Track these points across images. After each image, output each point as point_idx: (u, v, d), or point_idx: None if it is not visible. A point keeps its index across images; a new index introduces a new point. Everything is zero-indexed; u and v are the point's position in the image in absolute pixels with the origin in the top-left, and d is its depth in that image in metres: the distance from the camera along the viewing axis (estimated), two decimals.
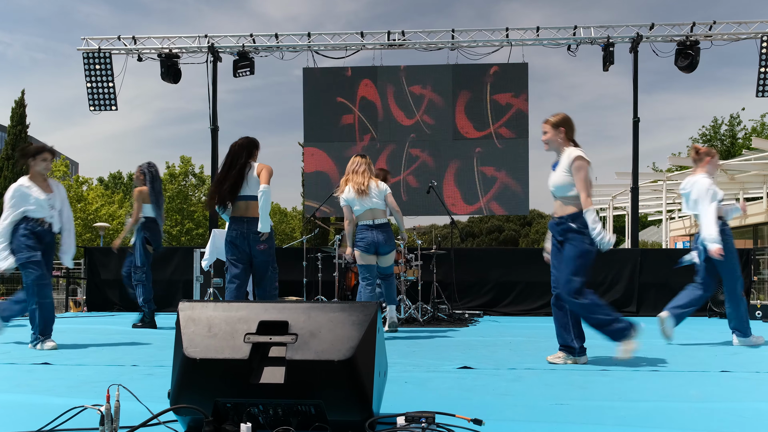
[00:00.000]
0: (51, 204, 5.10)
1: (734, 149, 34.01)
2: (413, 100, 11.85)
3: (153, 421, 2.17)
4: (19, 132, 26.33)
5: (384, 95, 11.84)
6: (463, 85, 11.77)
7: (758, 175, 20.23)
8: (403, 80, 11.86)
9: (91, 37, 11.99)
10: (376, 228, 5.86)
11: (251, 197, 5.08)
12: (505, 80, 11.71)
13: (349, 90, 11.87)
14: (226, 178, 5.06)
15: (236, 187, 5.05)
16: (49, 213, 5.09)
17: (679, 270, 9.68)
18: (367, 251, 5.87)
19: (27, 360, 4.23)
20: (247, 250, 5.09)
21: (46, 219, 5.09)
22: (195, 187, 35.05)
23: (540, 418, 2.53)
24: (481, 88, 11.73)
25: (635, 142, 11.26)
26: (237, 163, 5.08)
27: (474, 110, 11.73)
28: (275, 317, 2.25)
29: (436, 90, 11.80)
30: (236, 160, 5.09)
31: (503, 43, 11.62)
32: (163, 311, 9.68)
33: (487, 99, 11.74)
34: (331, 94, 11.91)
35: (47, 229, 5.11)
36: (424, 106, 11.80)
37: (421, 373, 3.74)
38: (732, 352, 4.89)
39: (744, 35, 11.25)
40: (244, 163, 5.10)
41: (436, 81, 11.81)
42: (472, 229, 53.59)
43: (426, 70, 11.89)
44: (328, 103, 11.89)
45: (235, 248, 5.10)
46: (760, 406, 2.81)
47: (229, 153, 5.16)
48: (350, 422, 2.13)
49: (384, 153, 11.76)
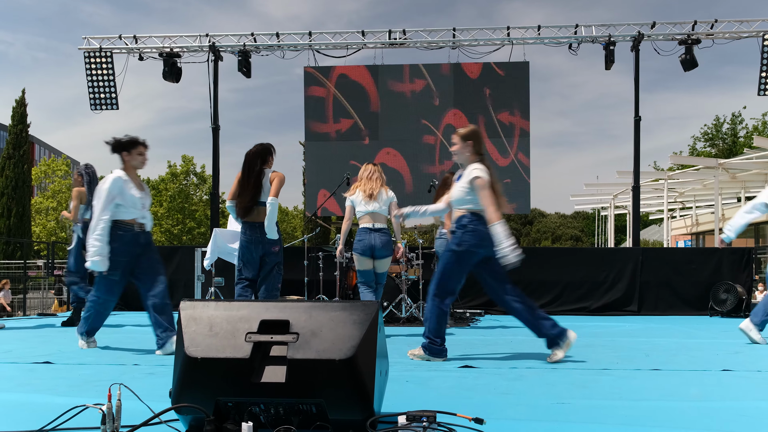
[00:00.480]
0: (143, 203, 4.72)
1: (736, 148, 33.99)
2: (414, 99, 11.85)
3: (154, 420, 2.17)
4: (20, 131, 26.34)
5: (385, 95, 11.83)
6: (464, 83, 11.77)
7: (760, 173, 20.19)
8: (403, 79, 11.86)
9: (92, 37, 11.99)
10: (375, 231, 5.89)
11: (264, 204, 5.19)
12: (506, 80, 11.70)
13: (349, 89, 11.86)
14: (245, 190, 5.18)
15: (256, 198, 5.19)
16: (140, 213, 4.71)
17: (680, 269, 9.71)
18: (364, 254, 5.88)
19: (28, 359, 4.23)
20: (261, 254, 5.24)
21: (138, 220, 4.69)
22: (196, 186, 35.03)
23: (541, 417, 2.53)
24: (482, 87, 11.73)
25: (636, 140, 11.25)
26: (252, 172, 5.19)
27: (474, 109, 11.72)
28: (276, 316, 2.25)
29: (436, 89, 11.80)
30: (252, 169, 5.20)
31: (504, 42, 11.61)
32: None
33: (487, 98, 11.73)
34: (332, 93, 11.91)
35: (138, 231, 4.70)
36: (425, 105, 11.79)
37: (422, 372, 3.74)
38: (733, 351, 4.89)
39: (745, 34, 11.23)
40: (260, 171, 5.21)
41: (436, 80, 11.80)
42: None
43: (427, 69, 11.89)
44: (329, 102, 11.88)
45: (248, 252, 5.25)
46: (761, 405, 2.81)
47: (245, 162, 5.25)
48: (351, 421, 2.13)
49: (384, 152, 11.76)
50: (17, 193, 25.35)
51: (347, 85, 11.88)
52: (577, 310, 9.55)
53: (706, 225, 25.30)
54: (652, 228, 39.34)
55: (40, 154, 51.12)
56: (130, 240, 4.66)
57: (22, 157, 25.85)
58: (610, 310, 9.51)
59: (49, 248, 20.07)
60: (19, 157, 25.75)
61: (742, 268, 9.62)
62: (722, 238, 5.68)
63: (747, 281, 9.55)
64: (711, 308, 9.21)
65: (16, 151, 25.87)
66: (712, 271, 9.55)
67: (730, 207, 24.63)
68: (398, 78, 11.86)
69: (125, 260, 4.69)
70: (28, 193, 26.11)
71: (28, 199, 26.17)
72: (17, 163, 25.68)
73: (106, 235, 4.56)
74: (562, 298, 9.66)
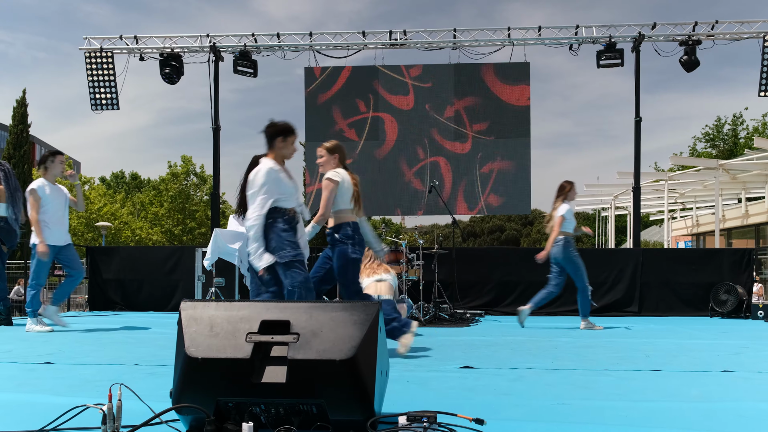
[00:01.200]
0: (297, 192, 4.43)
1: (737, 149, 33.98)
2: (414, 99, 11.85)
3: (155, 421, 2.17)
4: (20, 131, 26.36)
5: (385, 95, 11.83)
6: (465, 84, 11.77)
7: (760, 174, 20.20)
8: (404, 79, 11.86)
9: (93, 37, 12.00)
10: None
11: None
12: (507, 80, 11.70)
13: (350, 90, 11.87)
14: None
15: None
16: (297, 203, 4.40)
17: (681, 270, 9.71)
18: None
19: (29, 359, 4.23)
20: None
21: (297, 209, 4.39)
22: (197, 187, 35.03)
23: (542, 417, 2.53)
24: (483, 88, 11.73)
25: (637, 141, 11.26)
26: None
27: (475, 110, 11.72)
28: (277, 316, 2.25)
29: (437, 89, 11.80)
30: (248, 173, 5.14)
31: (505, 43, 11.62)
32: (165, 310, 9.71)
33: (488, 98, 11.73)
34: (332, 93, 11.91)
35: (299, 221, 4.41)
36: (425, 105, 11.79)
37: (422, 372, 3.74)
38: (734, 351, 4.89)
39: (746, 35, 11.24)
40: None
41: (437, 80, 11.81)
42: (473, 229, 53.58)
43: (428, 70, 11.89)
44: (330, 103, 11.89)
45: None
46: (761, 406, 2.80)
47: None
48: (352, 422, 2.13)
49: (384, 152, 11.76)
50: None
51: (348, 86, 11.88)
52: (577, 311, 9.53)
53: (706, 226, 25.30)
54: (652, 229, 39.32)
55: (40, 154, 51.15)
56: (295, 229, 4.36)
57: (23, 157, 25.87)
58: (611, 311, 9.50)
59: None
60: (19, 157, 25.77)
61: (742, 269, 9.62)
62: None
63: (747, 282, 9.55)
64: (711, 309, 9.20)
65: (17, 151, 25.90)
66: (713, 272, 9.54)
67: (731, 208, 24.62)
68: (399, 78, 11.86)
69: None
70: None
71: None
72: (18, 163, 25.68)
73: (262, 230, 4.22)
74: (562, 298, 9.64)
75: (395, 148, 11.79)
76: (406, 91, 11.85)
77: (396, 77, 11.86)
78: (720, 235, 20.81)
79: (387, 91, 11.85)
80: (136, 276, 9.99)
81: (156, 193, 35.38)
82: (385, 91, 11.84)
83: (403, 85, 11.85)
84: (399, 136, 11.79)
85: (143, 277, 9.98)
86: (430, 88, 11.82)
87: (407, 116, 11.84)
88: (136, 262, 10.08)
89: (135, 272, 10.01)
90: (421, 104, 11.80)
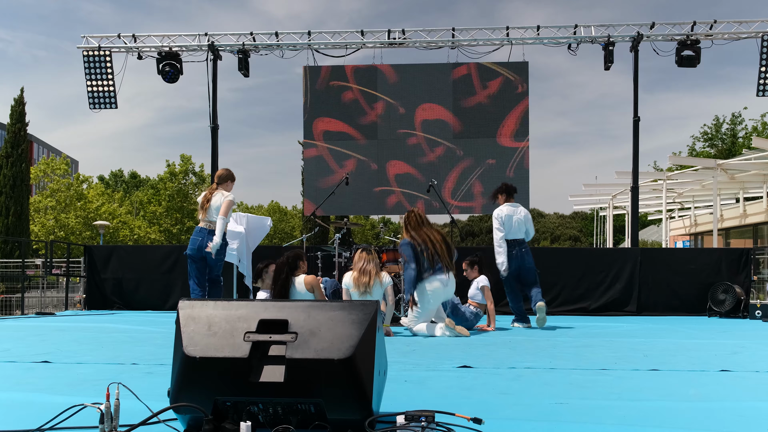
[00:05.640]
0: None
1: (735, 148, 34.01)
2: (413, 99, 11.85)
3: (153, 420, 2.17)
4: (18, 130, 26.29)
5: (383, 94, 11.83)
6: (463, 84, 11.77)
7: (758, 174, 20.23)
8: (403, 79, 11.85)
9: (91, 35, 11.98)
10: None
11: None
12: (505, 80, 11.70)
13: (349, 89, 11.86)
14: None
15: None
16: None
17: (679, 270, 9.71)
18: None
19: (26, 358, 4.23)
20: None
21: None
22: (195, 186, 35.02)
23: (540, 417, 2.53)
24: (481, 87, 11.73)
25: (635, 141, 11.26)
26: (279, 279, 5.85)
27: (474, 109, 11.72)
28: (275, 316, 2.25)
29: (435, 89, 11.80)
30: (278, 276, 5.85)
31: (504, 42, 11.62)
32: (163, 309, 9.70)
33: (487, 98, 11.73)
34: (331, 92, 11.91)
35: None
36: (424, 105, 11.79)
37: (420, 371, 3.74)
38: (732, 351, 4.89)
39: (744, 34, 11.25)
40: (286, 278, 5.84)
41: (436, 80, 11.80)
42: (471, 228, 53.59)
43: (426, 69, 11.89)
44: (328, 102, 11.89)
45: None
46: (759, 405, 2.81)
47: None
48: (350, 421, 2.13)
49: (383, 152, 11.76)
50: (15, 192, 25.31)
51: (346, 85, 11.87)
52: (575, 310, 9.56)
53: (704, 225, 25.33)
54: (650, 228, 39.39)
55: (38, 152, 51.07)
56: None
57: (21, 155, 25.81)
58: (609, 311, 9.51)
59: (47, 247, 20.04)
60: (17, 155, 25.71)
61: (740, 268, 9.63)
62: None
63: (745, 282, 9.56)
64: (709, 309, 9.22)
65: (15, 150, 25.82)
66: (711, 272, 9.56)
67: (729, 207, 24.66)
68: (398, 77, 11.85)
69: None
70: (26, 192, 26.07)
71: (27, 198, 26.13)
72: (15, 161, 25.62)
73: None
74: (560, 298, 9.67)
75: (394, 147, 11.78)
76: (405, 90, 11.85)
77: (394, 76, 11.85)
78: (718, 234, 20.82)
79: (386, 90, 11.84)
80: (134, 275, 9.99)
81: (154, 192, 35.36)
82: (383, 90, 11.84)
83: (402, 84, 11.84)
84: (397, 135, 11.79)
85: (141, 276, 9.97)
86: (429, 87, 11.82)
87: (407, 116, 11.83)
88: (134, 261, 10.07)
89: (133, 271, 10.00)
90: (419, 104, 11.79)
